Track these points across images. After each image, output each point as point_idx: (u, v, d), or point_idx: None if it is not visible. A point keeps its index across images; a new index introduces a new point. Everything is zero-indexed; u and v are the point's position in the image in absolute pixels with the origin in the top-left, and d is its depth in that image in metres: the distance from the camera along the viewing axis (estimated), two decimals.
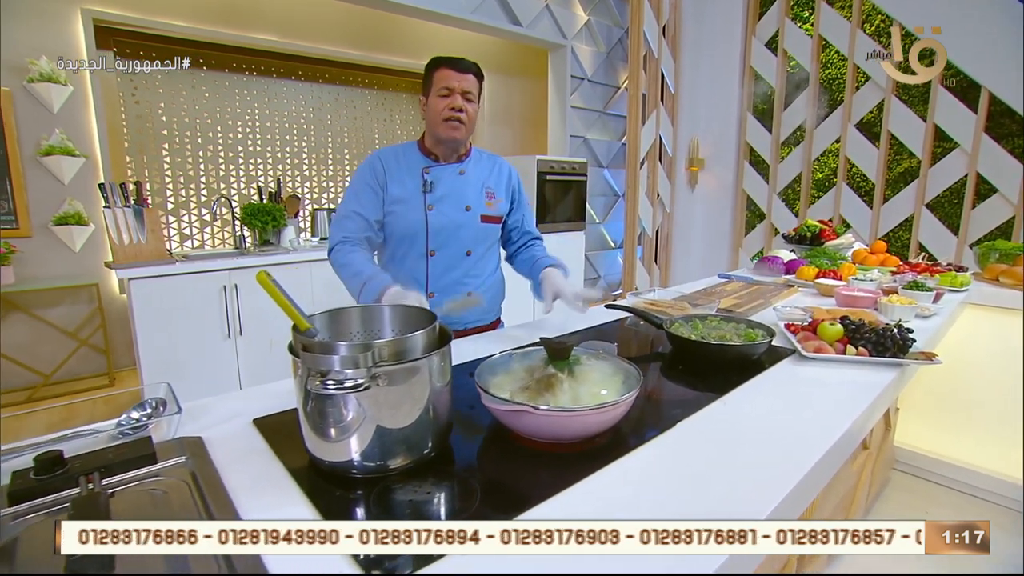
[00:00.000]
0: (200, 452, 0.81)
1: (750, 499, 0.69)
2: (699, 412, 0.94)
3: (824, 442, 0.84)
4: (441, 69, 1.42)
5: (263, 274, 0.76)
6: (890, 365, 1.16)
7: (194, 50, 3.61)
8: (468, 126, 1.46)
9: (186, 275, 2.47)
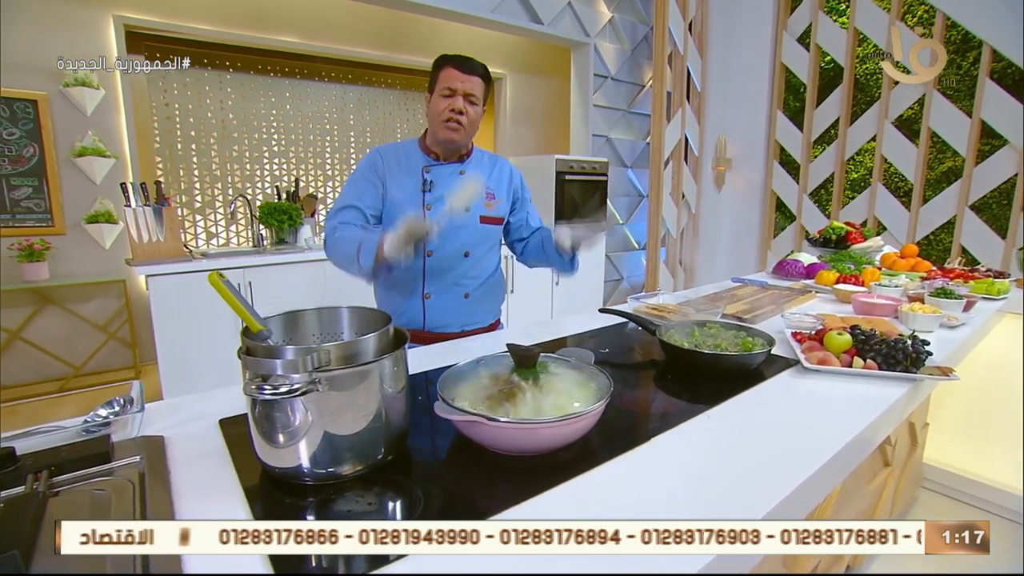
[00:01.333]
0: (157, 452, 0.80)
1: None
2: (680, 425, 0.88)
3: (812, 464, 0.77)
4: (447, 68, 1.40)
5: (214, 275, 0.75)
6: (901, 380, 1.07)
7: (220, 53, 3.71)
8: (468, 129, 1.44)
9: (202, 272, 2.53)
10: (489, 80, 1.47)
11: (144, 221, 2.45)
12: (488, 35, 4.59)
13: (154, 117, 3.52)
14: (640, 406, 0.99)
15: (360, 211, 1.42)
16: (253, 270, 2.69)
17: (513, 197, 1.61)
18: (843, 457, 0.83)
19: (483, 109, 1.48)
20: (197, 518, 0.64)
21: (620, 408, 0.96)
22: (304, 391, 0.65)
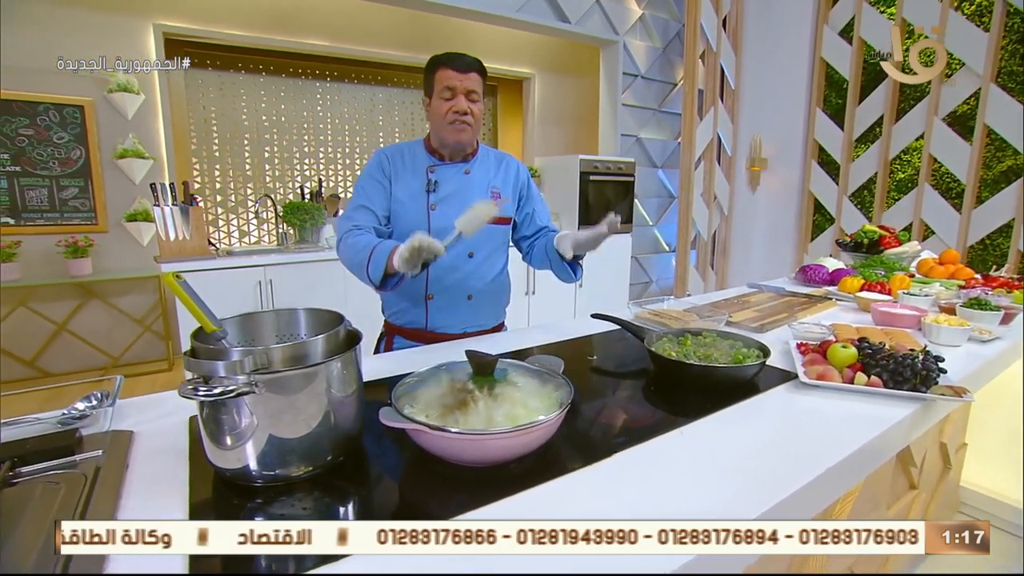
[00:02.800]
0: (122, 447, 0.82)
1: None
2: (649, 441, 0.84)
3: (784, 489, 0.71)
4: (442, 69, 1.38)
5: (170, 276, 0.76)
6: (907, 399, 0.98)
7: (253, 57, 3.84)
8: (474, 127, 1.42)
9: (224, 270, 2.62)
10: (485, 73, 1.44)
11: (172, 220, 2.55)
12: (516, 35, 4.57)
13: (191, 120, 3.68)
14: (613, 418, 0.95)
15: (372, 212, 1.42)
16: (273, 268, 2.77)
17: (519, 195, 1.58)
18: (824, 483, 0.77)
19: (484, 103, 1.46)
20: (133, 516, 0.65)
21: (591, 419, 0.92)
22: (239, 393, 0.65)
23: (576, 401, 1.00)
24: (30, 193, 3.10)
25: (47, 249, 3.11)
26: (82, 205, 3.21)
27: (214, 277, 2.61)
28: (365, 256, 1.24)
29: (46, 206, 3.14)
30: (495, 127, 5.22)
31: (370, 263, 1.23)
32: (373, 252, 1.23)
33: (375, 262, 1.22)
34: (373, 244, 1.26)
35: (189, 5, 3.40)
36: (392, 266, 1.18)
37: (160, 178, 3.33)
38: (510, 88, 5.15)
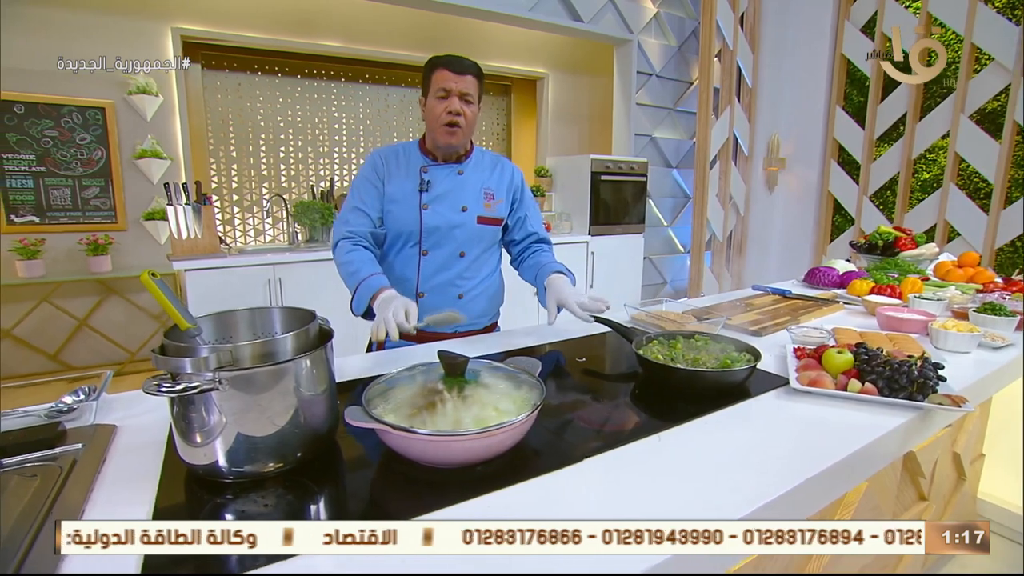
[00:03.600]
0: (102, 441, 0.83)
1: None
2: (625, 447, 0.82)
3: (754, 501, 0.69)
4: (439, 70, 1.39)
5: (145, 274, 0.77)
6: (901, 408, 0.95)
7: (269, 59, 3.90)
8: (466, 130, 1.44)
9: (234, 268, 2.66)
10: (482, 77, 1.46)
11: (184, 219, 2.61)
12: (530, 35, 4.56)
13: (208, 121, 3.76)
14: (592, 421, 0.93)
15: (366, 214, 1.45)
16: (283, 266, 2.81)
17: (512, 198, 1.58)
18: (804, 493, 0.74)
19: (479, 107, 1.46)
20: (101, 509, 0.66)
21: (568, 422, 0.91)
22: (203, 389, 0.66)
23: (555, 404, 1.00)
24: (54, 193, 3.21)
25: (69, 247, 3.22)
26: (103, 204, 3.31)
27: (224, 275, 2.66)
28: (351, 285, 1.36)
29: (69, 205, 3.24)
30: (509, 127, 5.22)
31: (354, 299, 1.36)
32: (358, 289, 1.34)
33: (359, 300, 1.34)
34: (360, 276, 1.35)
35: (206, 8, 3.47)
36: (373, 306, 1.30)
37: (177, 178, 3.41)
38: (524, 88, 5.13)
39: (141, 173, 3.34)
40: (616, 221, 4.16)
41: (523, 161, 5.07)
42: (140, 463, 0.79)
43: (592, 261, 4.08)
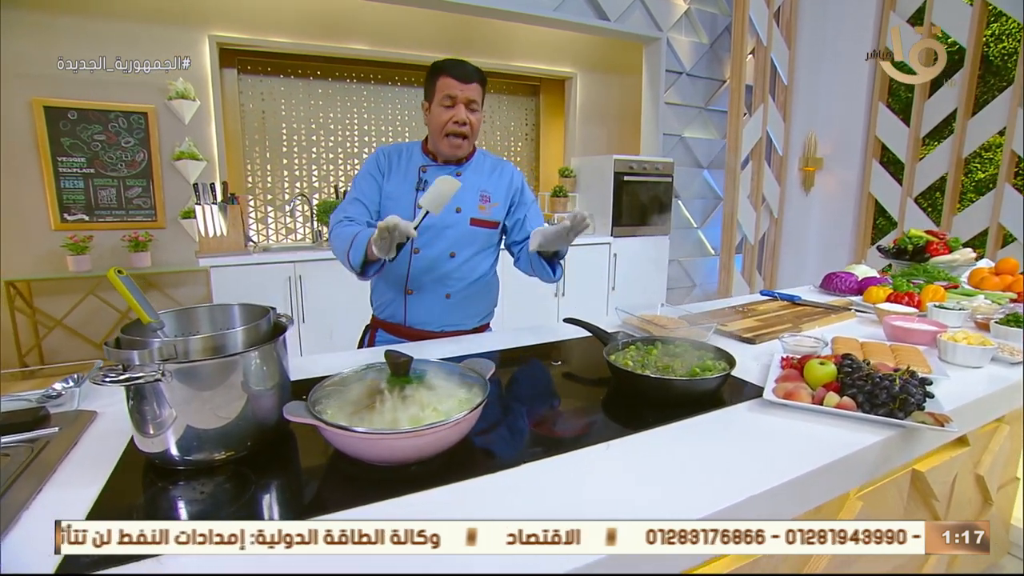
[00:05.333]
0: (78, 426, 0.89)
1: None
2: (571, 453, 0.81)
3: (678, 514, 0.66)
4: (443, 77, 1.41)
5: (112, 271, 0.81)
6: (879, 425, 0.89)
7: (302, 63, 4.04)
8: (471, 138, 1.46)
9: (257, 265, 2.77)
10: (486, 83, 1.47)
11: (211, 217, 2.74)
12: (558, 34, 4.53)
13: (242, 123, 3.92)
14: (545, 426, 0.92)
15: (364, 205, 1.49)
16: (303, 264, 2.91)
17: (511, 200, 1.58)
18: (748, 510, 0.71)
19: (482, 114, 1.48)
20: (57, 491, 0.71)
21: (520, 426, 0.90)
22: (146, 380, 0.69)
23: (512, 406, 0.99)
24: (101, 193, 3.43)
25: (114, 244, 3.43)
26: (144, 203, 3.51)
27: (247, 272, 2.77)
28: (348, 243, 1.30)
29: (114, 204, 3.46)
30: (537, 127, 5.20)
31: (351, 248, 1.29)
32: (355, 238, 1.29)
33: (356, 247, 1.28)
34: (356, 231, 1.32)
35: (242, 16, 3.63)
36: (372, 253, 1.23)
37: (212, 178, 3.58)
38: (552, 88, 5.10)
39: (179, 174, 3.53)
40: (640, 223, 4.08)
41: (551, 162, 5.04)
42: (106, 448, 0.83)
43: (614, 263, 4.02)
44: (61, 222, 3.35)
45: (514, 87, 5.01)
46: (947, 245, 2.10)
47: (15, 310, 3.26)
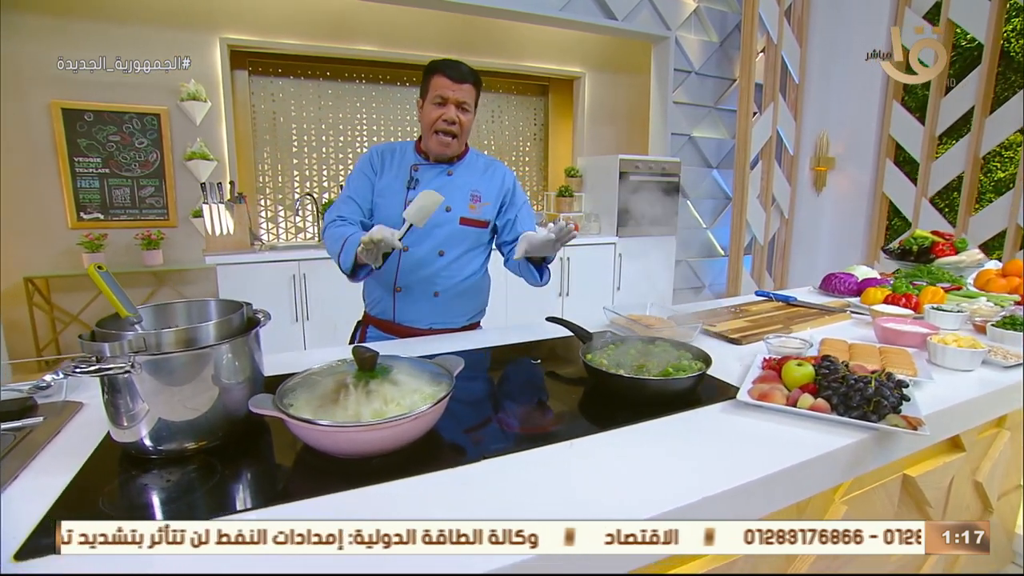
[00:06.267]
0: (63, 416, 0.92)
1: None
2: (533, 450, 0.81)
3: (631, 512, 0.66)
4: (437, 76, 1.43)
5: (92, 267, 0.84)
6: (853, 427, 0.88)
7: (311, 64, 4.10)
8: (461, 138, 1.48)
9: (262, 263, 2.82)
10: (480, 85, 1.49)
11: (218, 216, 2.80)
12: (566, 34, 4.52)
13: (253, 124, 3.99)
14: (514, 423, 0.92)
15: (357, 204, 1.52)
16: (307, 263, 2.95)
17: (502, 201, 1.59)
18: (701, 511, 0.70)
19: (475, 114, 1.49)
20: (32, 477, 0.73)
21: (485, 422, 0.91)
22: (115, 371, 0.71)
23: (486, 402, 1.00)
24: (116, 192, 3.52)
25: (127, 242, 3.52)
26: (157, 202, 3.60)
27: (253, 270, 2.83)
28: (339, 246, 1.35)
29: (128, 203, 3.55)
30: (546, 127, 5.20)
31: (342, 252, 1.34)
32: (345, 242, 1.33)
33: (346, 252, 1.33)
34: (347, 235, 1.35)
35: (252, 19, 3.69)
36: (360, 257, 1.27)
37: (223, 177, 3.65)
38: (561, 88, 5.10)
39: (190, 173, 3.61)
40: (646, 223, 4.05)
41: (560, 161, 5.04)
42: (86, 438, 0.86)
43: (620, 263, 4.00)
44: (78, 220, 3.45)
45: (523, 87, 5.01)
46: (953, 246, 2.06)
47: (34, 305, 3.37)
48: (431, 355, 0.97)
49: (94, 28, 3.31)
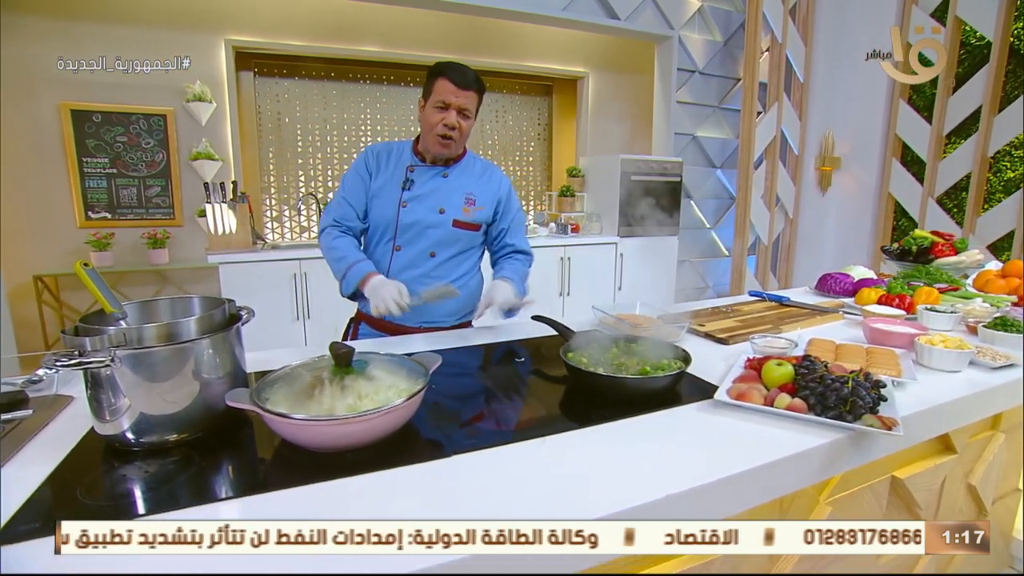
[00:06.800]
0: (52, 409, 0.94)
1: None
2: (500, 447, 0.82)
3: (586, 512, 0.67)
4: (442, 80, 1.44)
5: (78, 264, 0.86)
6: (828, 427, 0.88)
7: (316, 65, 4.14)
8: (459, 142, 1.50)
9: (264, 262, 2.86)
10: (483, 92, 1.50)
11: (220, 216, 2.84)
12: (570, 34, 4.52)
13: (258, 124, 4.04)
14: (491, 420, 0.93)
15: (351, 207, 1.55)
16: (308, 261, 2.99)
17: (496, 207, 1.60)
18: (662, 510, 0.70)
19: (475, 119, 1.52)
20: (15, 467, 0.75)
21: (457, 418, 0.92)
22: (96, 364, 0.73)
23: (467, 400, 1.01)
24: (123, 192, 3.58)
25: (134, 240, 3.57)
26: (163, 202, 3.65)
27: (254, 268, 2.86)
28: (340, 272, 1.47)
29: (135, 203, 3.61)
30: (550, 127, 5.20)
31: (343, 281, 1.47)
32: (348, 271, 1.44)
33: (347, 283, 1.46)
34: (349, 262, 1.45)
35: (257, 20, 3.73)
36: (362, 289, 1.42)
37: (228, 177, 3.69)
38: (565, 88, 5.09)
39: (195, 173, 3.65)
40: (648, 223, 4.05)
41: (564, 161, 5.04)
42: (73, 430, 0.88)
43: (621, 263, 4.00)
44: (86, 220, 3.51)
45: (527, 87, 5.01)
46: (953, 247, 2.03)
47: (42, 303, 3.43)
48: (412, 352, 0.98)
49: (101, 31, 3.36)
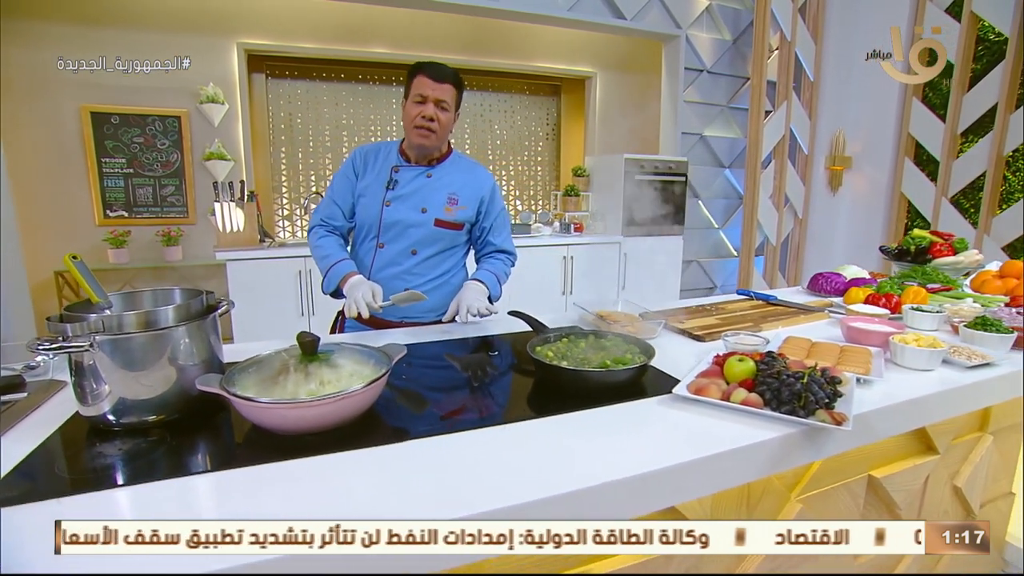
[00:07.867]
0: (45, 393, 1.01)
1: None
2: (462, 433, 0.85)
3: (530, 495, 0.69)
4: (419, 76, 1.49)
5: (68, 256, 0.92)
6: (781, 422, 0.89)
7: (327, 66, 4.22)
8: (439, 134, 1.53)
9: (269, 260, 2.94)
10: (461, 87, 1.55)
11: (229, 214, 2.92)
12: (578, 34, 4.53)
13: (269, 125, 4.14)
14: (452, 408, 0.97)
15: (338, 207, 1.61)
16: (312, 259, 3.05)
17: (479, 207, 1.63)
18: (595, 498, 0.72)
19: (455, 115, 1.56)
20: None
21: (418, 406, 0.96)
22: (76, 348, 0.78)
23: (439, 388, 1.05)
24: (139, 191, 3.70)
25: (149, 238, 3.70)
26: (177, 201, 3.77)
27: (260, 265, 2.94)
28: (323, 268, 1.54)
29: (151, 201, 3.73)
30: (558, 127, 5.22)
31: (325, 278, 1.53)
32: (330, 271, 1.52)
33: (328, 281, 1.53)
34: (332, 261, 1.52)
35: (268, 24, 3.83)
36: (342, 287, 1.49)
37: (239, 177, 3.80)
38: (573, 88, 5.10)
39: (208, 172, 3.76)
40: (652, 222, 4.04)
41: (572, 161, 5.05)
42: (61, 413, 0.94)
43: (624, 262, 4.00)
44: (104, 218, 3.64)
45: (535, 87, 5.04)
46: (952, 247, 2.01)
47: (63, 298, 3.57)
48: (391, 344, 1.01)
49: (115, 35, 3.49)
